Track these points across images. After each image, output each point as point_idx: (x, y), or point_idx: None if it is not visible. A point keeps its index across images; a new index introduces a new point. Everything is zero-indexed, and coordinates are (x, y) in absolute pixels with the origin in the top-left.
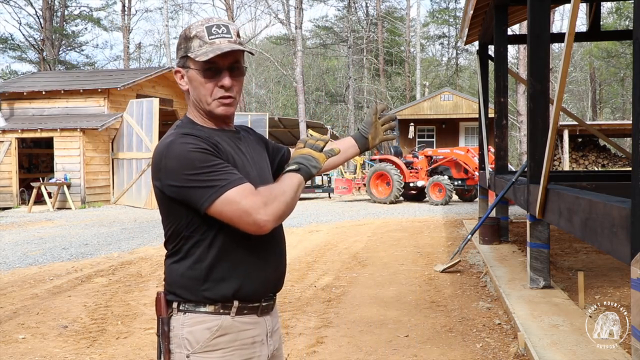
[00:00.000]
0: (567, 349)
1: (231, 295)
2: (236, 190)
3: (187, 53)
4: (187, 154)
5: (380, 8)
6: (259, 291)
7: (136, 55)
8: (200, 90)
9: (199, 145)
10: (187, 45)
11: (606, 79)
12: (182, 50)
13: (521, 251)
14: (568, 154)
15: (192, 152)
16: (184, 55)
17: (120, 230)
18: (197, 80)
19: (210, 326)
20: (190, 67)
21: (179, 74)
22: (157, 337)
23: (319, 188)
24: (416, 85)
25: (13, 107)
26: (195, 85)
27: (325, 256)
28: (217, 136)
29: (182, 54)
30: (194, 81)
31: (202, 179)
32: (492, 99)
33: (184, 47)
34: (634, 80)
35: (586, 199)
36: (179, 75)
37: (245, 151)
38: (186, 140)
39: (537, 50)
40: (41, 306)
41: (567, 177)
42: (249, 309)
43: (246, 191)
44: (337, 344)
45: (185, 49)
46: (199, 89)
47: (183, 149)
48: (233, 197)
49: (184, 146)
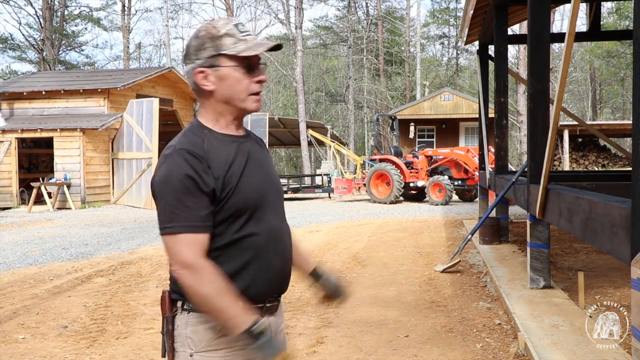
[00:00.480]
0: (567, 349)
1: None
2: (191, 238)
3: (221, 51)
4: (171, 174)
5: (381, 8)
6: (263, 293)
7: (136, 55)
8: (236, 87)
9: (187, 169)
10: (216, 44)
11: (606, 79)
12: (211, 49)
13: (521, 251)
14: (568, 154)
15: (176, 175)
16: (215, 54)
17: (120, 230)
18: (234, 77)
19: (214, 325)
20: (222, 65)
21: (202, 74)
22: (162, 335)
23: (319, 188)
24: (416, 85)
25: (13, 107)
26: (230, 83)
27: (325, 256)
28: (223, 145)
29: (210, 53)
30: (229, 78)
31: (170, 205)
32: (492, 99)
33: (212, 46)
34: (634, 80)
35: (586, 199)
36: (202, 76)
37: (252, 156)
38: (178, 159)
39: (537, 50)
40: (41, 306)
41: (567, 177)
42: (253, 310)
43: (194, 243)
44: (337, 344)
45: (215, 47)
46: (234, 86)
47: (170, 168)
48: (181, 240)
49: (172, 166)
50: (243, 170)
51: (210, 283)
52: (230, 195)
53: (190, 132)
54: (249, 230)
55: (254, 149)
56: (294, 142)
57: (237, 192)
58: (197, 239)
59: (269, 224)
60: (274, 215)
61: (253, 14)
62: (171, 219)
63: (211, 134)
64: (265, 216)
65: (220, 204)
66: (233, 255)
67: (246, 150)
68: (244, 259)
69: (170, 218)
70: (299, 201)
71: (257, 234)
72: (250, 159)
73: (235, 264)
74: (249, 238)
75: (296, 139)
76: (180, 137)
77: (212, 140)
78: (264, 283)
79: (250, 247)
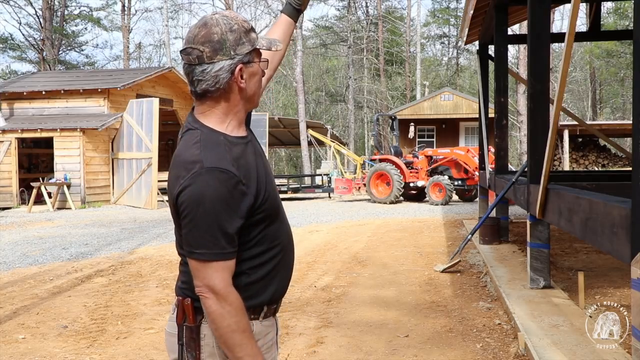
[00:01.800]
0: (567, 349)
1: (267, 301)
2: (222, 265)
3: (255, 45)
4: (203, 197)
5: (381, 8)
6: (283, 293)
7: (136, 55)
8: (258, 83)
9: (220, 192)
10: (250, 37)
11: (606, 79)
12: (247, 44)
13: (521, 251)
14: (568, 154)
15: (209, 199)
16: (251, 49)
17: (120, 230)
18: (259, 74)
19: None
20: (255, 60)
21: (241, 72)
22: (180, 346)
23: (319, 188)
24: (416, 85)
25: (13, 107)
26: (256, 80)
27: (325, 256)
28: (243, 151)
29: (248, 49)
30: (257, 74)
31: (201, 230)
32: (492, 99)
33: (247, 40)
34: (634, 80)
35: (586, 199)
36: (240, 73)
37: (261, 154)
38: (210, 180)
39: (537, 50)
40: (41, 306)
41: (567, 177)
42: (270, 312)
43: (224, 270)
44: (337, 344)
45: (251, 41)
46: (257, 83)
47: (202, 190)
48: (211, 266)
49: (204, 188)
50: (265, 173)
51: (234, 317)
52: (265, 202)
53: (210, 143)
54: (279, 232)
55: (258, 145)
56: (294, 142)
57: (268, 197)
58: (227, 265)
59: (287, 222)
60: (284, 212)
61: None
62: (202, 245)
63: (227, 140)
64: (284, 214)
65: (257, 213)
66: (267, 259)
67: (256, 150)
68: (275, 262)
69: (200, 244)
70: (299, 201)
71: (283, 234)
72: (262, 158)
73: (269, 267)
74: (279, 240)
75: (296, 139)
76: (203, 151)
77: (233, 147)
78: (286, 282)
79: (280, 250)
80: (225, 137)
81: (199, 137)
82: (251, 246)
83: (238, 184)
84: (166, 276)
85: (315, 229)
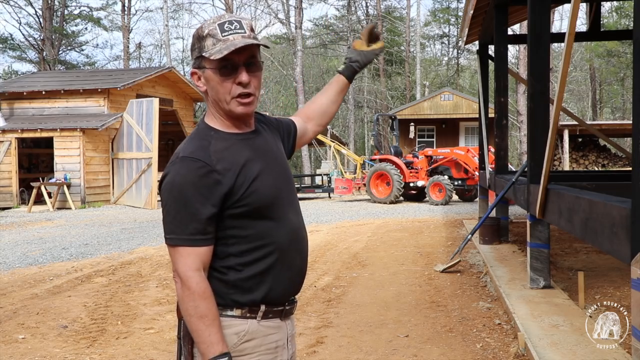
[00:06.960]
0: (567, 349)
1: (260, 299)
2: (188, 250)
3: (202, 53)
4: (173, 184)
5: (380, 7)
6: (284, 294)
7: (136, 55)
8: (219, 89)
9: (189, 178)
10: (200, 45)
11: (606, 79)
12: (197, 50)
13: (521, 251)
14: (568, 154)
15: (177, 186)
16: (199, 55)
17: (120, 230)
18: (214, 80)
19: (237, 331)
20: (206, 67)
21: (196, 76)
22: (177, 339)
23: (319, 188)
24: (416, 85)
25: (13, 107)
26: (213, 85)
27: (325, 256)
28: (232, 145)
29: (196, 55)
30: (211, 81)
31: (171, 215)
32: (492, 99)
33: (197, 47)
34: (634, 80)
35: (586, 199)
36: (196, 77)
37: (265, 151)
38: (181, 168)
39: (537, 50)
40: (41, 306)
41: (567, 177)
42: (273, 313)
43: (191, 255)
44: (337, 344)
45: (200, 48)
46: (216, 89)
47: (173, 177)
48: (180, 252)
49: (175, 175)
50: (257, 169)
51: (192, 302)
52: (247, 196)
53: (196, 136)
54: (273, 232)
55: (265, 142)
56: None
57: (253, 193)
58: (196, 252)
59: (290, 222)
60: (292, 212)
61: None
62: (172, 230)
63: (218, 135)
64: (285, 214)
65: (236, 206)
66: (258, 257)
67: (257, 146)
68: (270, 261)
69: (171, 229)
70: (299, 201)
71: (280, 234)
72: (263, 156)
73: (261, 266)
74: (271, 240)
75: None
76: (186, 143)
77: (219, 141)
78: (287, 283)
79: (275, 250)
80: (215, 132)
81: (193, 132)
82: (237, 242)
83: (211, 173)
84: (166, 276)
85: (315, 229)
